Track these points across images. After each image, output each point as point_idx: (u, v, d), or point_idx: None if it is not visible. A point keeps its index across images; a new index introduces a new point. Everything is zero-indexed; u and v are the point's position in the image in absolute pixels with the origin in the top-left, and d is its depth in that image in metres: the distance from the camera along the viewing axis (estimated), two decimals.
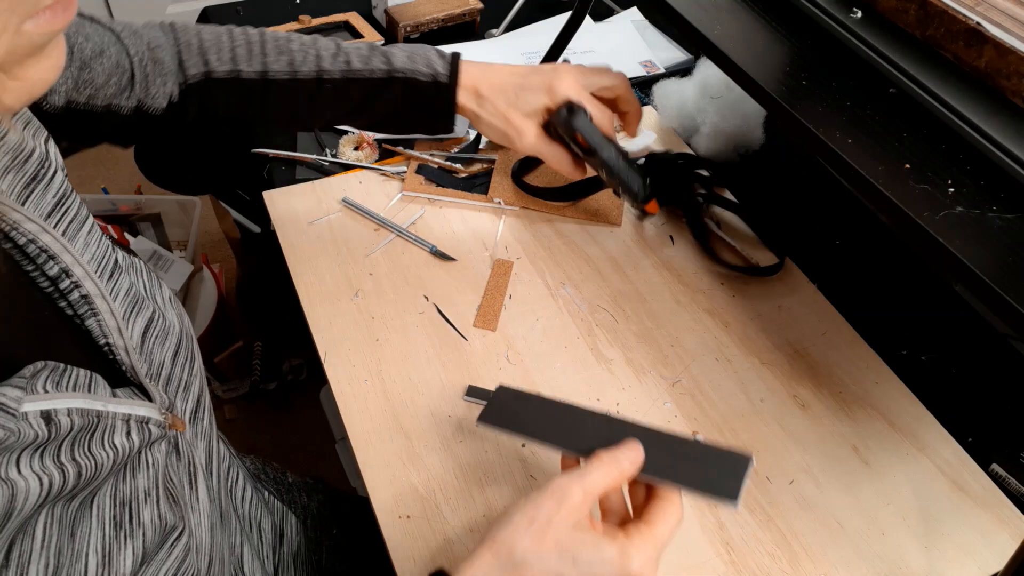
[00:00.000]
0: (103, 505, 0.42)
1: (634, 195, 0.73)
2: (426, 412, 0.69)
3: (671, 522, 0.48)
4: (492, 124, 0.71)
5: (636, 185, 0.73)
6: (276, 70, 0.67)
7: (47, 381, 0.39)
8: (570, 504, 0.46)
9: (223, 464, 0.64)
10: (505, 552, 0.46)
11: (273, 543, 0.69)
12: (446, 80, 0.69)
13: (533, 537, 0.46)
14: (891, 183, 0.51)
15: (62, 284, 0.44)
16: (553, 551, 0.46)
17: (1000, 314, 0.45)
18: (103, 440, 0.41)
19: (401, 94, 0.70)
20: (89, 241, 0.48)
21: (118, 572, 0.41)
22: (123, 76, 0.63)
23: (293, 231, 0.84)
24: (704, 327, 0.78)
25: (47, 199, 0.46)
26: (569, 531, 0.46)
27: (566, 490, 0.47)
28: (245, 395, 1.62)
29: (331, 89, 0.69)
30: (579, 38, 1.01)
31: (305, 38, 0.70)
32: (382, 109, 0.71)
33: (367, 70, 0.68)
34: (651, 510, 0.48)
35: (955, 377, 0.77)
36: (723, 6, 0.68)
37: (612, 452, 0.50)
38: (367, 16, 1.15)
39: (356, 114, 0.72)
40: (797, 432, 0.70)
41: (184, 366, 0.54)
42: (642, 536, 0.47)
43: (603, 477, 0.48)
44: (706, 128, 0.95)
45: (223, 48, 0.67)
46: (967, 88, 0.54)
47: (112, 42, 0.63)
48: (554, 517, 0.46)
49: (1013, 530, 0.65)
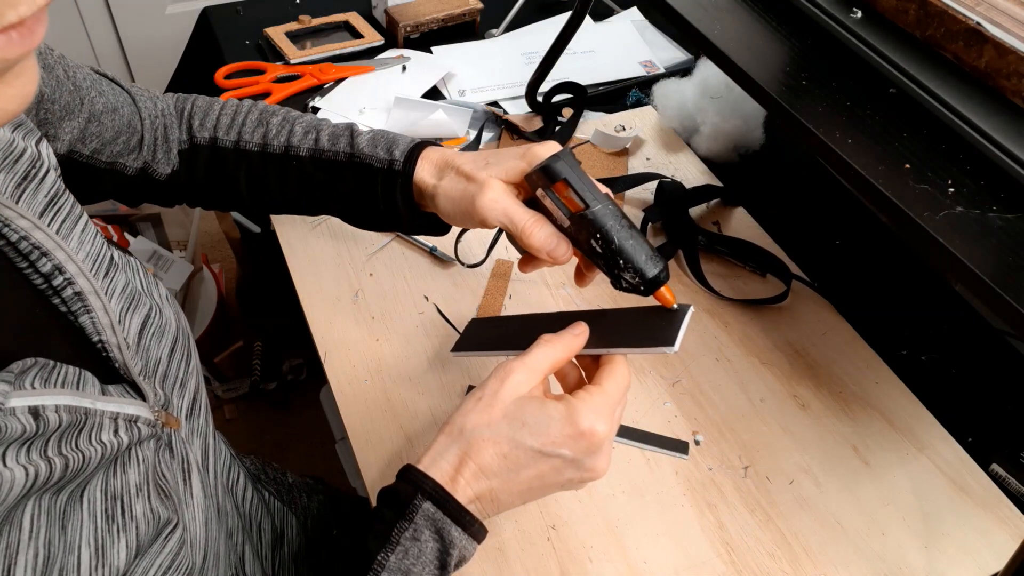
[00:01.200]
0: (94, 499, 0.42)
1: (641, 274, 0.50)
2: (426, 412, 0.69)
3: (619, 381, 0.50)
4: (450, 190, 0.57)
5: (644, 259, 0.50)
6: (247, 140, 0.65)
7: (35, 378, 0.40)
8: (513, 380, 0.49)
9: (223, 463, 0.64)
10: (457, 429, 0.49)
11: (273, 543, 0.69)
12: (400, 166, 0.60)
13: (480, 411, 0.49)
14: (891, 183, 0.51)
15: (55, 281, 0.44)
16: (502, 420, 0.48)
17: (1000, 314, 0.45)
18: (91, 436, 0.42)
19: (359, 179, 0.63)
20: (84, 239, 0.48)
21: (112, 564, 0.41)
22: (132, 137, 0.63)
23: (293, 231, 0.84)
24: (704, 327, 0.78)
25: (39, 198, 0.46)
26: (515, 401, 0.49)
27: (507, 368, 0.50)
28: (245, 395, 1.62)
29: (297, 167, 0.65)
30: (579, 38, 1.01)
31: (293, 113, 0.67)
32: (349, 195, 0.64)
33: (331, 151, 0.64)
34: (599, 375, 0.50)
35: (955, 377, 0.77)
36: (723, 6, 0.68)
37: (555, 334, 0.51)
38: (367, 16, 1.15)
39: (326, 198, 0.66)
40: (797, 432, 0.70)
41: (180, 363, 0.54)
42: (590, 394, 0.49)
43: (546, 355, 0.50)
44: (706, 128, 0.95)
45: (209, 115, 0.67)
46: (967, 88, 0.54)
47: (127, 103, 0.64)
48: (499, 391, 0.49)
49: (1013, 530, 0.65)
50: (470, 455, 0.48)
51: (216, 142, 0.66)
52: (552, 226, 0.53)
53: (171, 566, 0.45)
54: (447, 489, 0.48)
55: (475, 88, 1.04)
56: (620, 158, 0.95)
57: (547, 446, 0.48)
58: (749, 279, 0.82)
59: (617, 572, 0.61)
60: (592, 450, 0.48)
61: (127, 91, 0.65)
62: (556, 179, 0.51)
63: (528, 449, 0.48)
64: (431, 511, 0.47)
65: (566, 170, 0.51)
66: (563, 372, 0.54)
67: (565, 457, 0.48)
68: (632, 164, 0.94)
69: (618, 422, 0.51)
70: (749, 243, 0.84)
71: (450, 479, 0.48)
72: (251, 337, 1.63)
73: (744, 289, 0.81)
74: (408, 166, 0.60)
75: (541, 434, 0.48)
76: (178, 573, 0.46)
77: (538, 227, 0.53)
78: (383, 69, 1.06)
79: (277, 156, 0.65)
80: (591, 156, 0.94)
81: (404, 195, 0.61)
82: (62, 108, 0.57)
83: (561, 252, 0.53)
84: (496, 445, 0.48)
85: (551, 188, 0.52)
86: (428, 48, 1.10)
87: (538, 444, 0.48)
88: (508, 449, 0.48)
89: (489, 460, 0.48)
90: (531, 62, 1.05)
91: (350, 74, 1.04)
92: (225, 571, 0.56)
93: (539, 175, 0.52)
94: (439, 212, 0.59)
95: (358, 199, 0.64)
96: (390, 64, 1.07)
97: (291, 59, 1.05)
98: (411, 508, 0.47)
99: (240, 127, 0.66)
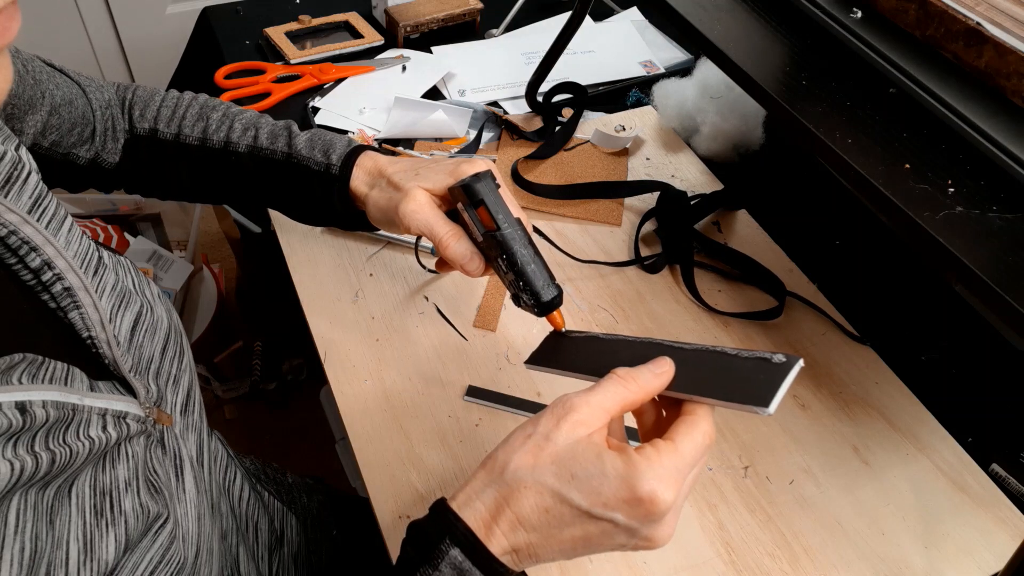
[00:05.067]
0: (82, 494, 0.42)
1: (536, 297, 0.55)
2: (426, 412, 0.69)
3: (697, 440, 0.42)
4: (378, 198, 0.60)
5: (541, 284, 0.55)
6: (187, 134, 0.66)
7: (23, 374, 0.39)
8: (573, 419, 0.42)
9: (220, 462, 0.64)
10: (499, 468, 0.43)
11: (271, 544, 0.69)
12: (337, 171, 0.62)
13: (528, 452, 0.43)
14: (891, 183, 0.51)
15: (44, 276, 0.44)
16: (551, 466, 0.42)
17: (999, 314, 0.45)
18: (78, 432, 0.41)
19: (296, 180, 0.65)
20: (71, 239, 0.48)
21: (101, 559, 0.41)
22: (86, 128, 0.65)
23: (293, 231, 0.84)
24: (704, 327, 0.78)
25: (23, 200, 0.46)
26: (570, 445, 0.42)
27: (567, 404, 0.43)
28: (245, 395, 1.62)
29: (236, 163, 0.66)
30: (579, 38, 1.01)
31: (234, 109, 0.68)
32: (287, 193, 0.66)
33: (269, 149, 0.65)
34: (675, 427, 0.43)
35: (955, 377, 0.77)
36: (723, 6, 0.68)
37: (630, 369, 0.45)
38: (367, 16, 1.15)
39: (265, 194, 0.68)
40: (797, 432, 0.70)
41: (173, 360, 0.54)
42: (658, 451, 0.41)
43: (616, 394, 0.43)
44: (706, 128, 0.95)
45: (149, 107, 0.68)
46: (967, 88, 0.54)
47: (79, 95, 0.65)
48: (552, 432, 0.42)
49: (1013, 530, 0.65)
50: (509, 502, 0.43)
51: (156, 134, 0.67)
52: (468, 241, 0.56)
53: (162, 560, 0.45)
54: (479, 537, 0.43)
55: (475, 88, 1.04)
56: (620, 158, 0.95)
57: (596, 507, 0.41)
58: (746, 287, 0.82)
59: (617, 572, 0.61)
60: (651, 519, 0.41)
61: (77, 83, 0.65)
62: (474, 198, 0.54)
63: (574, 507, 0.42)
64: (458, 559, 0.42)
65: (484, 191, 0.54)
66: (641, 408, 0.47)
67: (617, 522, 0.41)
68: (632, 164, 0.94)
69: (690, 488, 0.43)
70: (744, 255, 0.83)
71: (484, 525, 0.43)
72: (251, 337, 1.63)
73: (740, 298, 0.81)
74: (345, 171, 0.62)
75: (591, 492, 0.41)
76: (169, 567, 0.45)
77: (454, 240, 0.56)
78: (383, 69, 1.06)
79: (216, 151, 0.66)
80: (591, 156, 0.94)
81: (341, 197, 0.63)
82: (25, 103, 0.58)
83: (474, 267, 0.56)
84: (539, 496, 0.42)
85: (469, 205, 0.55)
86: (428, 48, 1.10)
87: (587, 503, 0.41)
88: (551, 503, 0.42)
89: (528, 512, 0.42)
90: (531, 62, 1.05)
91: (350, 74, 1.04)
92: (220, 569, 0.56)
93: (460, 191, 0.55)
94: (369, 217, 0.62)
95: (296, 197, 0.66)
96: (390, 64, 1.07)
97: (291, 59, 1.05)
98: (437, 553, 0.43)
99: (180, 120, 0.67)
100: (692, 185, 0.91)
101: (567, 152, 0.95)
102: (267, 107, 1.00)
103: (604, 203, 0.89)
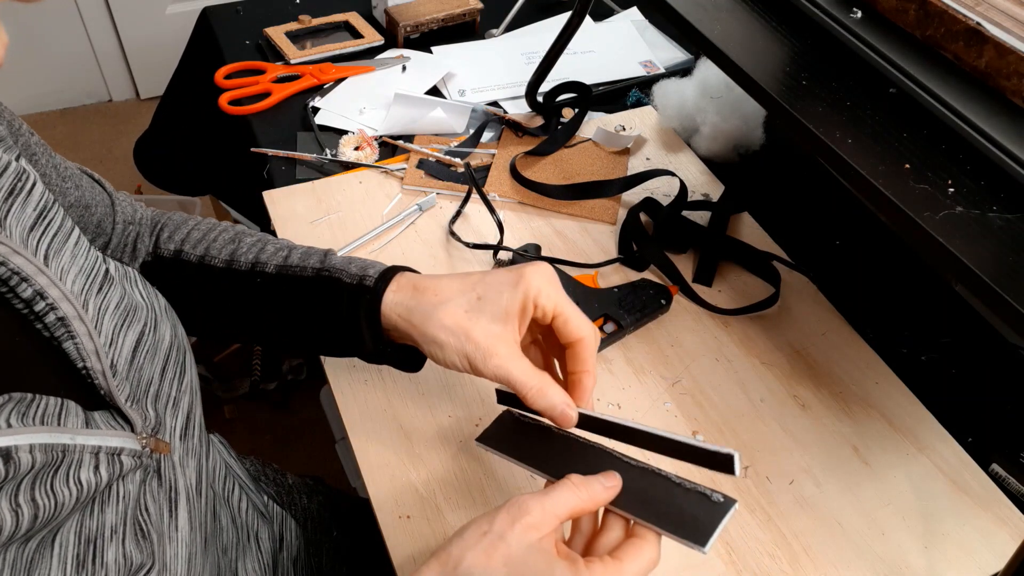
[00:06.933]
0: (66, 542, 0.40)
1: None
2: (426, 412, 0.69)
3: (642, 562, 0.45)
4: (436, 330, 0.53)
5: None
6: (214, 255, 0.62)
7: (11, 414, 0.38)
8: (527, 521, 0.44)
9: (218, 477, 0.63)
10: (452, 564, 0.44)
11: (273, 551, 0.68)
12: (371, 283, 0.56)
13: (482, 551, 0.43)
14: (891, 183, 0.51)
15: (37, 306, 0.43)
16: (501, 568, 0.43)
17: (1000, 314, 0.45)
18: (68, 476, 0.40)
19: (323, 294, 0.59)
20: (76, 253, 0.47)
21: None
22: (98, 239, 0.62)
23: (293, 231, 0.84)
24: (704, 327, 0.78)
25: (28, 212, 0.45)
26: (522, 549, 0.43)
27: (523, 506, 0.44)
28: (245, 395, 1.62)
29: (262, 284, 0.61)
30: (579, 38, 1.01)
31: (271, 236, 0.65)
32: (309, 316, 0.60)
33: (299, 266, 0.60)
34: (623, 547, 0.45)
35: (955, 377, 0.77)
36: (723, 6, 0.68)
37: (584, 477, 0.47)
38: (367, 16, 1.15)
39: (281, 318, 0.62)
40: (797, 432, 0.70)
41: (173, 382, 0.52)
42: (605, 567, 0.44)
43: (568, 500, 0.45)
44: (706, 128, 0.95)
45: (180, 229, 0.65)
46: (967, 88, 0.54)
47: (104, 204, 0.62)
48: (507, 533, 0.43)
49: (1013, 530, 0.65)
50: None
51: (181, 255, 0.63)
52: (558, 387, 0.52)
53: None
54: None
55: (475, 88, 1.04)
56: (621, 157, 0.95)
57: None
58: (745, 286, 0.82)
59: None
60: None
61: (108, 193, 0.63)
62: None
63: None
64: None
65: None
66: (579, 519, 0.49)
67: None
68: (632, 164, 0.95)
69: None
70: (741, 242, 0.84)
71: None
72: None
73: (740, 298, 0.81)
74: (380, 283, 0.56)
75: None
76: None
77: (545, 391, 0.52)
78: (383, 69, 1.06)
79: (242, 273, 0.62)
80: (592, 154, 0.94)
81: (369, 315, 0.56)
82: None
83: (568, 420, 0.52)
84: None
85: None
86: (428, 48, 1.10)
87: None
88: None
89: None
90: (531, 62, 1.05)
91: (350, 74, 1.04)
92: None
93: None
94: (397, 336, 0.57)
95: (319, 319, 0.60)
96: (390, 64, 1.07)
97: (291, 59, 1.05)
98: None
99: (210, 243, 0.63)
100: (692, 185, 0.91)
101: (568, 149, 0.95)
102: (267, 107, 1.00)
103: (600, 201, 0.89)
